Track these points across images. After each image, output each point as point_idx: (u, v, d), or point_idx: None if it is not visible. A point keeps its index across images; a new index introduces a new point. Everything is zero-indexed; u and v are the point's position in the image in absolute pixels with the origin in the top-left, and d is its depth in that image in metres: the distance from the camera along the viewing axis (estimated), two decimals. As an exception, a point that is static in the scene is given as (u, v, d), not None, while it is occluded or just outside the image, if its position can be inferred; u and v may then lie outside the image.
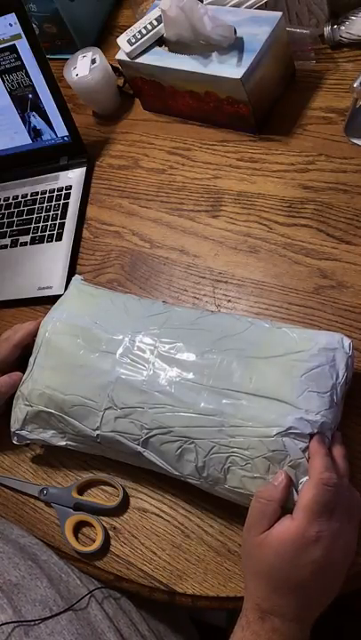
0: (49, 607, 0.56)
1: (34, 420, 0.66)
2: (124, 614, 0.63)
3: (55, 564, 0.63)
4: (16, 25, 0.85)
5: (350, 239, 0.70)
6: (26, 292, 0.87)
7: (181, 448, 0.56)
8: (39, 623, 0.54)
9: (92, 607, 0.60)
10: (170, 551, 0.61)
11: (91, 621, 0.58)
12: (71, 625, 0.56)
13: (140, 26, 0.85)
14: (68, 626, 0.56)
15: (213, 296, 0.74)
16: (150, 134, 0.93)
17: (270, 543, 0.49)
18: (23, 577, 0.58)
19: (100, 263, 0.85)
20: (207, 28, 0.75)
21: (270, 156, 0.81)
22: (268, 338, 0.59)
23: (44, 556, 0.63)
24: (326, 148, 0.77)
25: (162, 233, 0.82)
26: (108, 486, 0.67)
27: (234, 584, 0.58)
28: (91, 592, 0.61)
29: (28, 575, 0.59)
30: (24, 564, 0.60)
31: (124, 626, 0.61)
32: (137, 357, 0.61)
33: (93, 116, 1.01)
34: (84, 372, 0.63)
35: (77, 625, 0.56)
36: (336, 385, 0.54)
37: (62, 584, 0.60)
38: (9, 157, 0.99)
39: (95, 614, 0.59)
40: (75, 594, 0.60)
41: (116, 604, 0.63)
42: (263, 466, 0.52)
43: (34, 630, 0.54)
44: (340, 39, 0.83)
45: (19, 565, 0.59)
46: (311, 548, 0.47)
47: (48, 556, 0.63)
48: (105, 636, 0.58)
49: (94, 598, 0.61)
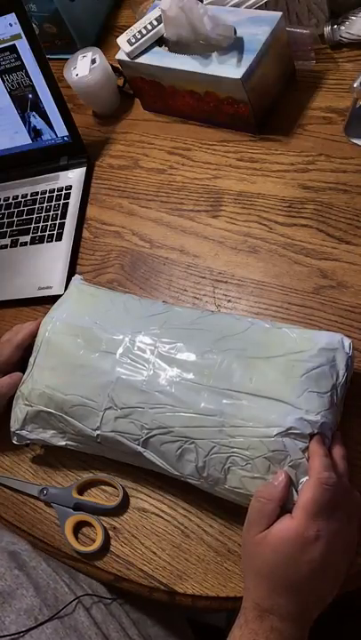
0: (34, 616, 0.56)
1: (34, 419, 0.66)
2: (113, 619, 0.62)
3: (43, 571, 0.62)
4: (16, 25, 0.85)
5: (350, 239, 0.70)
6: (26, 291, 0.87)
7: (182, 448, 0.56)
8: (24, 634, 0.54)
9: (80, 614, 0.60)
10: (170, 551, 0.61)
11: (77, 628, 0.58)
12: (56, 634, 0.56)
13: (140, 26, 0.85)
14: (52, 635, 0.55)
15: (213, 296, 0.74)
16: (150, 134, 0.93)
17: (270, 542, 0.49)
18: (9, 586, 0.58)
19: (100, 263, 0.85)
20: (207, 28, 0.75)
21: (270, 156, 0.81)
22: (269, 338, 0.59)
23: (32, 562, 0.63)
24: (326, 148, 0.77)
25: (162, 233, 0.82)
26: (108, 486, 0.67)
27: (234, 584, 0.58)
28: (78, 598, 0.60)
29: (13, 584, 0.59)
30: (10, 574, 0.59)
31: (113, 631, 0.61)
32: (137, 357, 0.61)
33: (93, 115, 1.01)
34: (84, 371, 0.63)
35: (62, 633, 0.56)
36: (336, 385, 0.55)
37: (50, 591, 0.60)
38: (9, 157, 0.99)
39: (82, 621, 0.59)
40: (62, 601, 0.60)
41: (106, 609, 0.63)
42: (263, 466, 0.53)
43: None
44: (340, 39, 0.83)
45: (4, 575, 0.59)
46: (311, 547, 0.47)
47: (37, 563, 0.63)
48: None
49: (82, 604, 0.61)
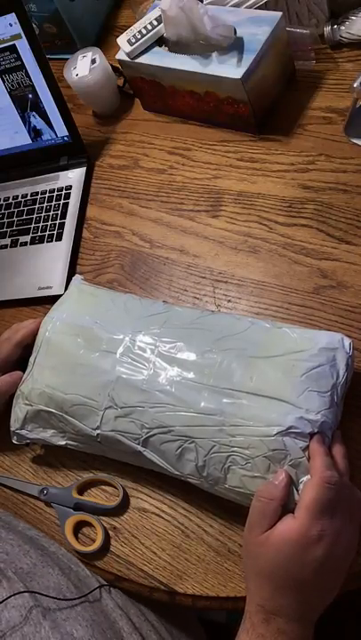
0: (62, 594, 0.57)
1: (34, 419, 0.66)
2: (133, 604, 0.63)
3: (64, 556, 0.63)
4: (16, 25, 0.85)
5: (350, 239, 0.70)
6: (26, 291, 0.87)
7: (182, 447, 0.56)
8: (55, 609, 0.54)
9: (104, 597, 0.60)
10: (170, 551, 0.61)
11: (103, 609, 0.59)
12: (85, 612, 0.56)
13: (140, 26, 0.85)
14: (82, 612, 0.56)
15: (213, 296, 0.74)
16: (150, 134, 0.93)
17: (273, 542, 0.49)
18: (35, 564, 0.58)
19: (100, 263, 0.85)
20: (207, 28, 0.75)
21: (270, 156, 0.81)
22: (269, 337, 0.59)
23: (52, 547, 0.64)
24: (326, 148, 0.77)
25: (162, 233, 0.82)
26: (108, 486, 0.67)
27: (234, 584, 0.58)
28: (101, 586, 0.61)
29: (39, 563, 0.59)
30: (34, 553, 0.60)
31: (134, 615, 0.61)
32: (137, 357, 0.61)
33: (93, 115, 1.01)
34: (84, 371, 0.63)
35: (91, 612, 0.57)
36: (336, 385, 0.55)
37: (72, 573, 0.61)
38: (9, 157, 0.99)
39: (107, 603, 0.60)
40: (85, 583, 0.61)
41: (125, 595, 0.64)
42: (263, 465, 0.53)
43: (50, 614, 0.54)
44: (340, 39, 0.83)
45: (29, 553, 0.60)
46: (314, 546, 0.47)
47: (56, 548, 0.64)
48: (117, 624, 0.58)
49: (105, 589, 0.62)
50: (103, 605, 0.59)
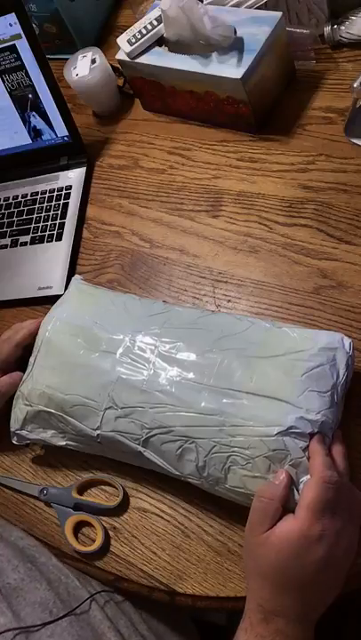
0: (49, 609, 0.56)
1: (34, 419, 0.66)
2: (123, 615, 0.62)
3: (54, 567, 0.62)
4: (16, 25, 0.85)
5: (350, 239, 0.70)
6: (26, 291, 0.87)
7: (182, 448, 0.56)
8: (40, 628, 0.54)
9: (93, 608, 0.60)
10: (170, 551, 0.61)
11: (91, 622, 0.58)
12: (71, 627, 0.56)
13: (140, 26, 0.85)
14: (68, 628, 0.56)
15: (213, 296, 0.74)
16: (150, 134, 0.93)
17: (273, 542, 0.49)
18: (22, 579, 0.58)
19: (100, 263, 0.85)
20: (207, 28, 0.75)
21: (270, 156, 0.81)
22: (269, 337, 0.59)
23: (42, 557, 0.63)
24: (326, 148, 0.77)
25: (162, 233, 0.82)
26: (108, 486, 0.67)
27: (234, 584, 0.58)
28: (92, 595, 0.61)
29: (27, 577, 0.59)
30: (23, 567, 0.60)
31: (124, 627, 0.61)
32: (137, 357, 0.61)
33: (93, 115, 1.01)
34: (84, 371, 0.63)
35: (77, 627, 0.56)
36: (337, 384, 0.55)
37: (62, 586, 0.60)
38: (9, 157, 0.99)
39: (95, 615, 0.59)
40: (74, 595, 0.60)
41: (116, 606, 0.63)
42: (264, 465, 0.52)
43: (34, 635, 0.53)
44: (340, 39, 0.83)
45: (17, 568, 0.59)
46: (315, 546, 0.47)
47: (47, 558, 0.63)
48: (105, 636, 0.58)
49: (94, 600, 0.61)
50: (91, 618, 0.59)
